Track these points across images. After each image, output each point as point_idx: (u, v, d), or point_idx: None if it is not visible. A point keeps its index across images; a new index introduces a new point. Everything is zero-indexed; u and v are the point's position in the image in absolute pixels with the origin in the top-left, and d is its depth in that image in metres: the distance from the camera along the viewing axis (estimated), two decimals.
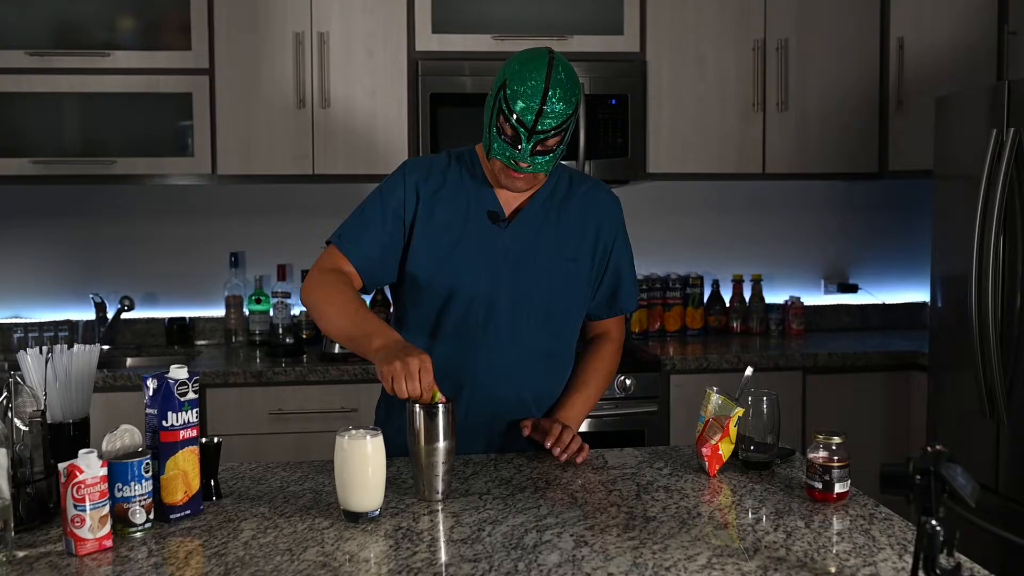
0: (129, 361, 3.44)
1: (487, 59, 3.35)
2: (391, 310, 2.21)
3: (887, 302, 3.99)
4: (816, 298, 3.98)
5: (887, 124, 3.55)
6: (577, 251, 1.97)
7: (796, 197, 3.94)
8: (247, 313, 3.64)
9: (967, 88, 3.24)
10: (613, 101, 3.40)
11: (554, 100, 1.76)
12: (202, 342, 3.68)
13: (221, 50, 3.29)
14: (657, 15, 3.45)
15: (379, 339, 1.73)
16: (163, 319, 3.64)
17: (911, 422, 3.31)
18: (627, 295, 2.05)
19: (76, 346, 1.63)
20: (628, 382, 3.19)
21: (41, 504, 1.49)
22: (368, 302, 3.39)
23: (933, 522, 1.17)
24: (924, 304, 3.98)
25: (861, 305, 3.99)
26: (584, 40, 3.40)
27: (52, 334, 3.47)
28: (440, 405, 1.61)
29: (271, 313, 3.62)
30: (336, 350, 3.20)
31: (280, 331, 3.58)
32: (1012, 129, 2.49)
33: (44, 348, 1.60)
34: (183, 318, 3.62)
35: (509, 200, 1.96)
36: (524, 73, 1.77)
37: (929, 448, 1.19)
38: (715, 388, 1.83)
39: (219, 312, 3.69)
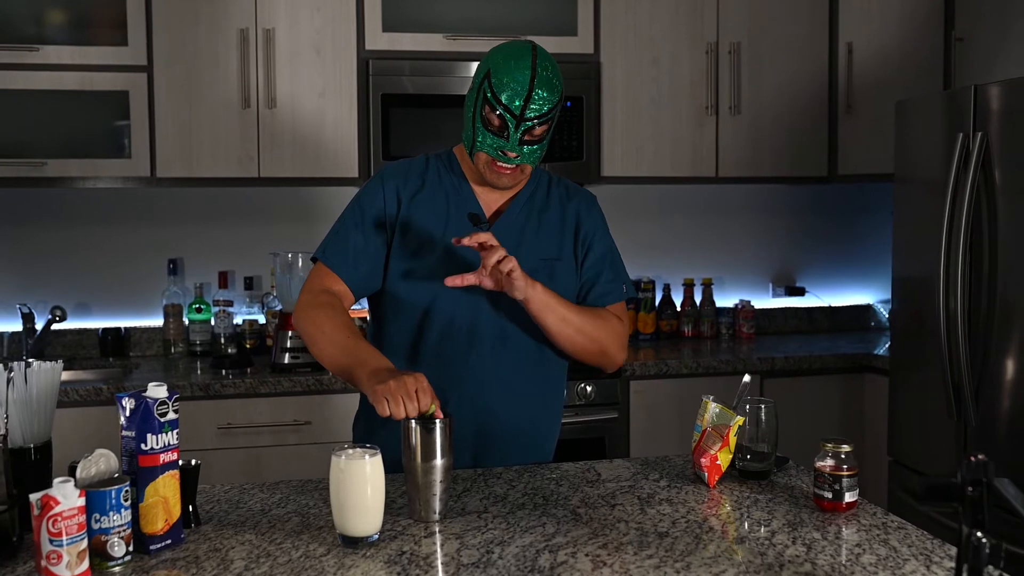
0: (62, 375, 3.23)
1: (439, 59, 3.27)
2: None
3: (833, 305, 4.03)
4: (764, 301, 3.99)
5: (836, 128, 3.58)
6: (559, 250, 1.92)
7: (745, 200, 3.95)
8: (187, 322, 3.47)
9: (929, 92, 3.29)
10: (568, 103, 3.35)
11: (541, 86, 1.75)
12: (138, 354, 3.50)
13: (160, 46, 3.13)
14: (611, 16, 3.41)
15: (370, 365, 1.66)
16: (96, 330, 3.44)
17: (867, 424, 3.34)
18: (602, 291, 1.93)
19: (36, 363, 1.49)
20: (588, 389, 3.13)
21: (4, 537, 1.35)
22: None
23: (979, 534, 1.13)
24: (869, 307, 4.03)
25: (808, 308, 4.02)
26: (538, 41, 3.29)
27: None
28: (438, 420, 1.52)
29: (212, 322, 3.46)
30: (286, 360, 3.07)
31: (222, 341, 3.43)
32: (979, 133, 2.52)
33: (1, 366, 1.45)
34: (118, 328, 3.43)
35: (489, 202, 1.91)
36: (509, 62, 1.76)
37: (973, 458, 1.15)
38: (711, 397, 1.78)
39: (157, 322, 3.51)
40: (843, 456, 1.57)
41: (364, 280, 1.86)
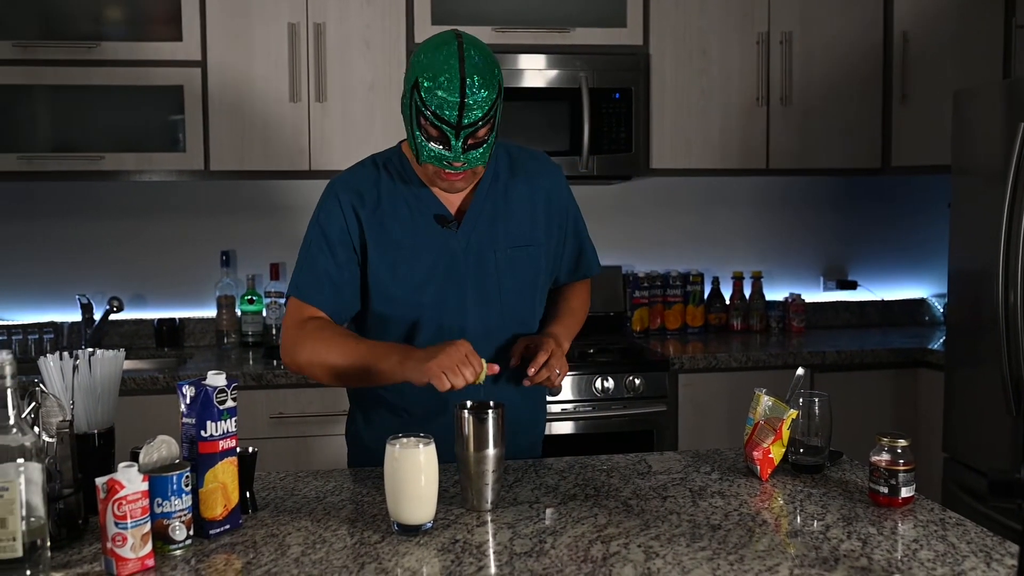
0: None
1: None
2: None
3: (885, 299, 3.97)
4: (815, 295, 3.94)
5: (890, 119, 3.52)
6: (532, 234, 1.87)
7: (795, 192, 3.90)
8: (239, 314, 3.52)
9: (988, 81, 3.20)
10: (616, 95, 3.34)
11: (474, 89, 1.62)
12: (192, 344, 3.56)
13: (214, 41, 3.18)
14: (660, 7, 3.39)
15: (397, 354, 1.68)
16: (152, 320, 3.51)
17: (920, 420, 3.28)
18: (590, 260, 2.02)
19: (100, 351, 1.53)
20: (637, 382, 3.12)
21: (70, 520, 1.39)
22: None
23: None
24: (923, 301, 3.97)
25: (860, 302, 3.96)
26: (587, 33, 3.33)
27: (36, 336, 3.33)
28: (490, 411, 1.54)
29: (264, 313, 3.51)
30: None
31: (274, 332, 3.48)
32: None
33: (67, 353, 1.49)
34: (173, 319, 3.49)
35: (452, 199, 1.84)
36: (435, 66, 1.63)
37: None
38: (764, 389, 1.77)
39: (210, 313, 3.57)
40: (899, 450, 1.55)
41: (344, 305, 1.82)
